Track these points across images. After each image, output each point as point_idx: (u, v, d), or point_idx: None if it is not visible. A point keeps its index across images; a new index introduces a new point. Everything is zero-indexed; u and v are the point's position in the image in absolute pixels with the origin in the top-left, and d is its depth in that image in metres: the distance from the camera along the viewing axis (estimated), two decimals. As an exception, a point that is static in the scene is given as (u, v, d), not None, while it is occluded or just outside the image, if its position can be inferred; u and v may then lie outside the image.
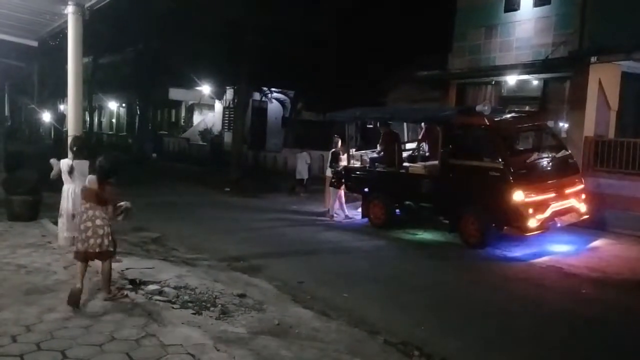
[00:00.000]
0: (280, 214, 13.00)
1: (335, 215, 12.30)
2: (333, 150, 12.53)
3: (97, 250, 5.38)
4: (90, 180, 5.58)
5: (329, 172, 12.46)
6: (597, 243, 9.61)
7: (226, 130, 26.69)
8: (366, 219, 11.64)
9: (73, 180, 7.38)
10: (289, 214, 13.01)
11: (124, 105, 37.50)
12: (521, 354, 5.26)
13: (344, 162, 12.28)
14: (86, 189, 5.56)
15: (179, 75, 26.86)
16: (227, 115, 27.03)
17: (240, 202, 14.84)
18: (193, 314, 5.35)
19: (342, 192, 12.32)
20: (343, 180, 12.07)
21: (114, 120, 40.62)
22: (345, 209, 12.41)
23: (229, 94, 25.96)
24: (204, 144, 27.56)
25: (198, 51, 23.72)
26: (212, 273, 7.22)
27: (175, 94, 30.46)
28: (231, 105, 25.37)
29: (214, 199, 15.41)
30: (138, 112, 32.64)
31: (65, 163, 7.41)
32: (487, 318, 6.22)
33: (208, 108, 31.14)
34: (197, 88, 27.37)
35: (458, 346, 5.34)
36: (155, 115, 34.69)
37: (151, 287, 6.04)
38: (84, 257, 5.43)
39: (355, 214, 12.28)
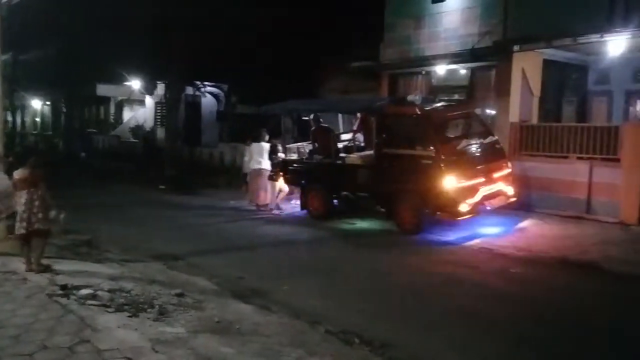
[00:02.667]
0: (218, 210, 12.83)
1: (274, 207, 12.33)
2: (270, 143, 12.50)
3: (29, 229, 6.47)
4: (17, 172, 6.71)
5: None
6: (524, 224, 10.09)
7: (159, 126, 25.99)
8: (305, 211, 11.70)
9: None
10: (227, 210, 12.87)
11: (48, 103, 35.79)
12: (458, 334, 5.45)
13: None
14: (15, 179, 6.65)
15: (107, 70, 25.86)
16: (159, 111, 26.26)
17: (176, 199, 14.53)
18: (129, 316, 5.21)
19: (279, 184, 12.35)
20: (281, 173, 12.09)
21: (38, 119, 38.69)
22: (275, 202, 12.44)
23: (160, 88, 25.22)
24: (136, 141, 26.75)
25: (125, 45, 22.92)
26: (148, 274, 7.06)
27: (103, 90, 29.27)
28: (163, 101, 24.70)
29: (149, 197, 15.01)
30: (64, 110, 31.25)
31: None
32: (424, 302, 6.42)
33: (139, 104, 30.19)
34: (126, 83, 26.44)
35: (397, 331, 5.49)
36: (82, 112, 33.33)
37: (84, 291, 5.81)
38: (23, 237, 6.56)
39: (288, 207, 12.41)
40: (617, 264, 7.66)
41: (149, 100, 27.38)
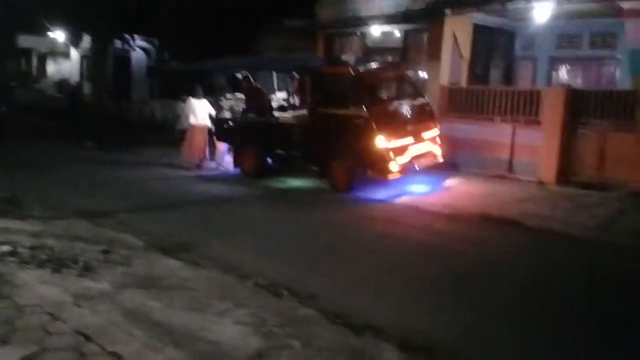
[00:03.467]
0: (148, 167, 12.55)
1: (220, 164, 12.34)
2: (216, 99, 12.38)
3: None
4: None
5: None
6: (450, 183, 10.49)
7: (85, 80, 24.84)
8: (238, 169, 11.66)
9: None
10: (158, 167, 12.61)
11: (-37, 54, 33.29)
12: (386, 287, 5.66)
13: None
14: None
15: (28, 20, 24.26)
16: (85, 65, 25.09)
17: (104, 156, 14.05)
18: (51, 272, 5.08)
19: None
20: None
21: (-49, 71, 35.97)
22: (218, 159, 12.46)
23: (87, 41, 24.01)
24: (61, 95, 25.47)
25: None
26: (72, 231, 6.86)
27: (24, 41, 27.56)
28: (89, 54, 23.53)
29: (75, 154, 14.42)
30: (-19, 62, 29.21)
31: None
32: (351, 255, 6.61)
33: (63, 57, 28.64)
34: (50, 34, 24.99)
35: (327, 284, 5.62)
36: (2, 65, 31.28)
37: (2, 248, 5.60)
38: None
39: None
40: (535, 220, 8.12)
41: (75, 54, 26.06)
